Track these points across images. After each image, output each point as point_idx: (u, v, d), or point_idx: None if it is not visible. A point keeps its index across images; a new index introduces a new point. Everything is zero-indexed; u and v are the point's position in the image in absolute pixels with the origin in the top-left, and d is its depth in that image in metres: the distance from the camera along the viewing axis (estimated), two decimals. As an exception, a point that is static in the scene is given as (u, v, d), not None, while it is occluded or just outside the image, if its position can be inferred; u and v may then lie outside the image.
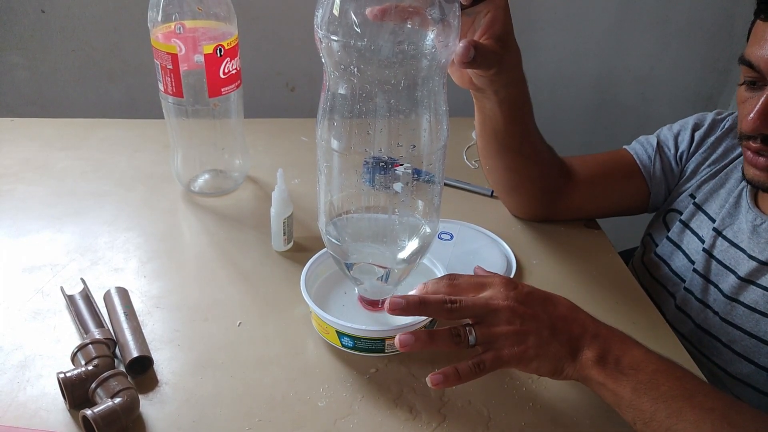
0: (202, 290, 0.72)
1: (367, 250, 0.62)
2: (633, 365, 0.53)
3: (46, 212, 0.84)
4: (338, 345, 0.64)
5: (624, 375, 0.53)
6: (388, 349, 0.63)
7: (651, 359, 0.54)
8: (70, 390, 0.55)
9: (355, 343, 0.63)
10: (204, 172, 0.90)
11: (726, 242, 0.76)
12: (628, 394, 0.52)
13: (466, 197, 0.93)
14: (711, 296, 0.77)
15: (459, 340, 0.55)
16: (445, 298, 0.56)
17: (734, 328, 0.73)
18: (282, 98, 1.46)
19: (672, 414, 0.51)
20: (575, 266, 0.79)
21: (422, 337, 0.55)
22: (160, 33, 0.76)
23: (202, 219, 0.84)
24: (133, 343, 0.61)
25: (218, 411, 0.57)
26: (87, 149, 0.99)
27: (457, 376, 0.54)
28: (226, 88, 0.81)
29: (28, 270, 0.73)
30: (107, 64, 1.38)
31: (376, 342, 0.62)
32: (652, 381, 0.52)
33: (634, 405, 0.52)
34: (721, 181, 0.80)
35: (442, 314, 0.56)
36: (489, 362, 0.54)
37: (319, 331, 0.65)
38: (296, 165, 0.96)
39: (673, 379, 0.53)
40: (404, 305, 0.55)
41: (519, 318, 0.55)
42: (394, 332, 0.61)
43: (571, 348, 0.55)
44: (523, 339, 0.54)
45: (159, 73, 0.79)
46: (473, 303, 0.56)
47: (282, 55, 1.40)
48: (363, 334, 0.62)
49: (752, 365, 0.72)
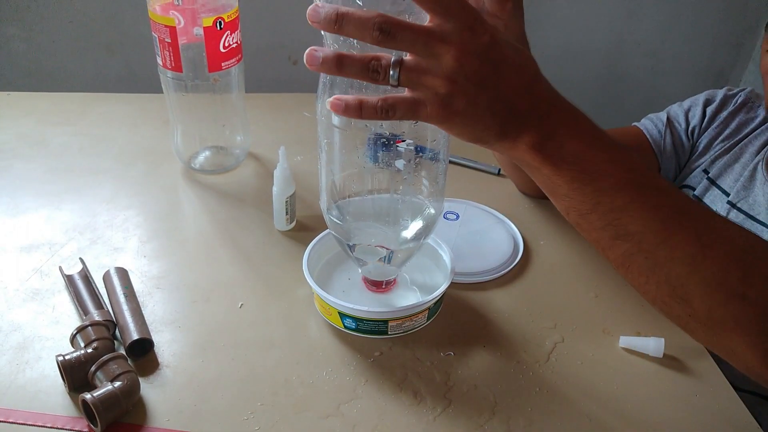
0: (203, 271, 0.70)
1: (370, 230, 0.61)
2: (579, 153, 0.45)
3: (44, 189, 0.82)
4: (341, 327, 0.62)
5: (565, 163, 0.45)
6: (391, 331, 0.62)
7: (602, 147, 0.46)
8: (70, 373, 0.54)
9: (358, 325, 0.61)
10: (204, 148, 0.88)
11: (742, 215, 0.76)
12: (566, 184, 0.46)
13: (472, 175, 0.91)
14: None
15: (376, 75, 0.43)
16: (374, 22, 0.41)
17: None
18: (284, 72, 1.43)
19: (615, 208, 0.45)
20: (583, 246, 0.77)
21: (330, 59, 0.44)
22: (158, 5, 0.74)
23: (203, 197, 0.83)
24: (133, 325, 0.60)
25: (220, 394, 0.56)
26: (85, 124, 0.97)
27: (358, 109, 0.44)
28: (227, 63, 0.78)
29: (26, 249, 0.72)
30: (105, 35, 1.35)
31: (379, 324, 0.61)
32: (599, 171, 0.45)
33: (571, 196, 0.46)
34: (735, 155, 0.80)
35: (366, 36, 0.42)
36: (402, 110, 0.44)
37: (321, 313, 0.64)
38: (299, 141, 0.94)
39: (624, 170, 0.46)
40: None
41: (462, 75, 0.43)
42: (398, 313, 0.60)
43: (505, 126, 0.45)
44: (453, 101, 0.43)
45: (157, 47, 0.76)
46: (411, 29, 0.42)
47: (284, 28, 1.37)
48: (365, 315, 0.60)
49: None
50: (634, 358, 0.63)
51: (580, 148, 0.46)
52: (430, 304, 0.62)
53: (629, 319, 0.67)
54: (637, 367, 0.62)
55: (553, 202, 0.49)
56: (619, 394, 0.59)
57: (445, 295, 0.68)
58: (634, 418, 0.57)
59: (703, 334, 0.47)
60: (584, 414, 0.57)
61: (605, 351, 0.63)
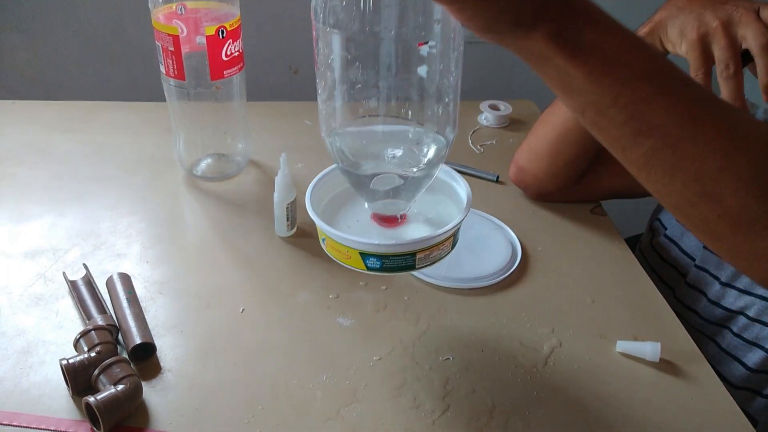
0: (205, 276, 0.71)
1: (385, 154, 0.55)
2: (598, 41, 0.41)
3: (48, 196, 0.83)
4: (362, 269, 0.57)
5: (583, 52, 0.41)
6: (419, 264, 0.57)
7: (622, 35, 0.42)
8: (73, 377, 0.55)
9: (383, 263, 0.56)
10: (206, 156, 0.89)
11: None
12: (583, 76, 0.41)
13: (471, 182, 0.91)
14: (724, 271, 0.76)
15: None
16: None
17: (748, 295, 0.73)
18: (285, 81, 1.44)
19: (638, 100, 0.41)
20: (581, 252, 0.78)
21: None
22: (162, 14, 0.75)
23: (205, 204, 0.84)
24: (136, 329, 0.60)
25: (221, 398, 0.57)
26: (89, 132, 0.98)
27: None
28: (229, 71, 0.79)
29: (30, 255, 0.73)
30: (109, 45, 1.37)
31: (406, 257, 0.56)
32: (620, 61, 0.42)
33: (589, 90, 0.42)
34: None
35: None
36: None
37: (337, 258, 0.58)
38: (299, 149, 0.95)
39: (646, 60, 0.42)
40: None
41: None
42: (426, 242, 0.55)
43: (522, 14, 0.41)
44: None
45: (160, 55, 0.77)
46: None
47: (285, 37, 1.39)
48: (392, 250, 0.54)
49: (767, 327, 0.72)
50: (630, 362, 0.63)
51: (599, 36, 0.42)
52: (458, 226, 0.57)
53: (626, 325, 0.68)
54: (634, 372, 0.62)
55: (567, 104, 0.45)
56: (616, 398, 0.59)
57: (444, 299, 0.69)
58: (632, 421, 0.57)
59: (730, 236, 0.44)
60: (582, 417, 0.57)
61: (602, 355, 0.64)
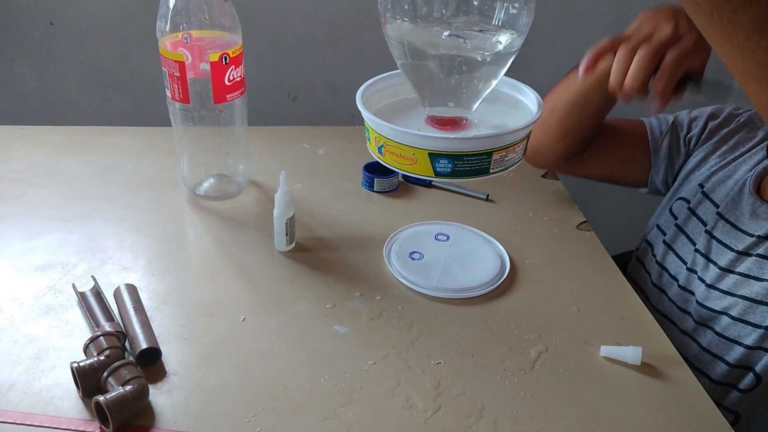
0: (208, 288, 0.75)
1: (455, 39, 0.52)
2: None
3: (57, 215, 0.87)
4: (430, 175, 0.53)
5: None
6: (493, 167, 0.53)
7: None
8: (83, 378, 0.58)
9: (456, 166, 0.52)
10: (209, 176, 0.93)
11: (728, 224, 0.80)
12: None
13: (462, 201, 0.96)
14: (709, 273, 0.81)
15: None
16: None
17: (730, 296, 0.77)
18: (284, 108, 1.49)
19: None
20: (567, 264, 0.82)
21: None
22: (168, 42, 0.80)
23: (207, 221, 0.87)
24: (142, 335, 0.64)
25: (223, 399, 0.60)
26: (95, 155, 1.02)
27: None
28: (231, 95, 0.84)
29: (41, 269, 0.76)
30: (113, 74, 1.42)
31: (482, 158, 0.52)
32: None
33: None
34: (730, 172, 0.84)
35: None
36: None
37: (398, 165, 0.54)
38: (298, 170, 1.00)
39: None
40: None
41: None
42: (504, 139, 0.52)
43: None
44: None
45: (166, 81, 0.82)
46: None
47: (284, 67, 1.44)
48: (468, 146, 0.50)
49: (748, 326, 0.76)
50: (613, 366, 0.67)
51: None
52: (533, 125, 0.55)
53: (609, 331, 0.71)
54: (617, 374, 0.66)
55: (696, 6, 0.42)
56: (599, 399, 0.63)
57: (436, 308, 0.72)
58: (614, 421, 0.60)
59: None
60: (567, 417, 0.60)
61: (587, 359, 0.67)
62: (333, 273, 0.78)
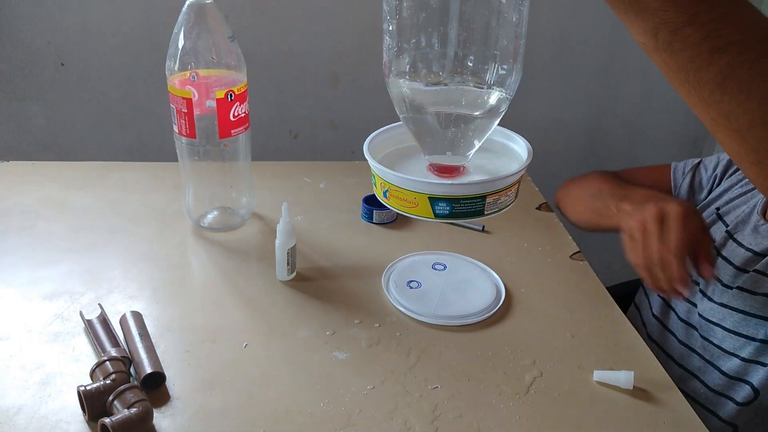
0: (211, 315, 0.77)
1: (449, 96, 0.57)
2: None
3: (65, 246, 0.89)
4: (430, 217, 0.58)
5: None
6: (488, 210, 0.58)
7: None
8: (90, 402, 0.60)
9: (453, 208, 0.57)
10: (213, 208, 0.96)
11: (735, 243, 0.85)
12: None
13: (459, 232, 0.99)
14: (710, 288, 0.85)
15: None
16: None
17: (728, 310, 0.81)
18: (286, 144, 1.54)
19: (716, 18, 0.41)
20: (561, 293, 0.84)
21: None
22: (177, 80, 0.83)
23: (211, 252, 0.90)
24: (147, 360, 0.65)
25: (225, 423, 0.61)
26: (102, 189, 1.05)
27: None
28: (236, 130, 0.87)
29: (49, 297, 0.78)
30: (120, 111, 1.47)
31: (476, 201, 0.57)
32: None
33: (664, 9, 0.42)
34: (747, 199, 0.89)
35: None
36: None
37: (401, 208, 0.59)
38: (299, 203, 1.03)
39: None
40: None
41: None
42: (497, 183, 0.56)
43: None
44: None
45: (174, 116, 0.86)
46: None
47: (286, 105, 1.49)
48: (464, 191, 0.56)
49: (741, 338, 0.80)
50: (606, 390, 0.68)
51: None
52: (524, 169, 0.60)
53: (603, 356, 0.73)
54: (610, 398, 0.67)
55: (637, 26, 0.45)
56: (593, 422, 0.64)
57: (433, 335, 0.74)
58: (607, 442, 0.62)
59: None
60: (560, 438, 0.62)
61: (581, 384, 0.69)
62: (333, 301, 0.80)
